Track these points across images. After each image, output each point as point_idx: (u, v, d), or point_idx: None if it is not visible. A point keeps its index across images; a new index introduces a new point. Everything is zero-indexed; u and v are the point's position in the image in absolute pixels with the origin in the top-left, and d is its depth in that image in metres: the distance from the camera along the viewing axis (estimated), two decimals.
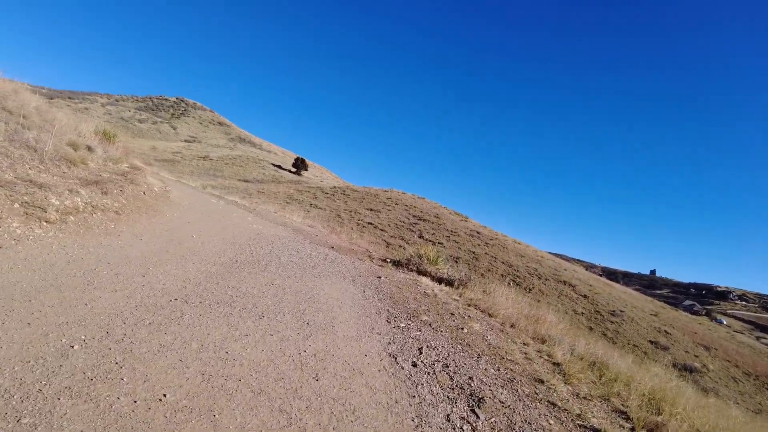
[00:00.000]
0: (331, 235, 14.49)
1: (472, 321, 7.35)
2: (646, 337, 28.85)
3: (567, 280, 34.52)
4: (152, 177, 13.03)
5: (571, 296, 32.16)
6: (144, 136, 59.77)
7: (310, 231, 13.87)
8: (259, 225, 12.25)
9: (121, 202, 8.47)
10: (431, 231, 36.13)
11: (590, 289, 34.04)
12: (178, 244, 7.60)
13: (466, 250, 35.14)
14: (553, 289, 32.28)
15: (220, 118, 79.52)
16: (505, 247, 37.89)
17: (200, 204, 13.39)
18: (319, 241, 12.27)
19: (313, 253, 10.14)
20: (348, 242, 13.72)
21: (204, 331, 4.37)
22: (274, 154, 69.16)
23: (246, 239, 9.84)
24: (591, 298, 32.42)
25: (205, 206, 13.27)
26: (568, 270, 38.19)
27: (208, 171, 49.08)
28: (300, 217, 17.64)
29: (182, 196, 13.27)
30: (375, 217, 37.42)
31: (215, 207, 13.76)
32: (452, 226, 38.52)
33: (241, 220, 12.27)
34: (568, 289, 33.13)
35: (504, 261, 35.01)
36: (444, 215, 40.40)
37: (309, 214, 37.68)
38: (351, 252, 11.80)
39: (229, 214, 12.70)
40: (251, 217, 13.35)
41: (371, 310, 6.71)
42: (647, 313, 34.05)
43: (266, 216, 14.99)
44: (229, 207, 14.88)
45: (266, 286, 6.52)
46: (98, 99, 67.10)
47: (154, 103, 73.93)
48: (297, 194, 43.20)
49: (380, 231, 34.50)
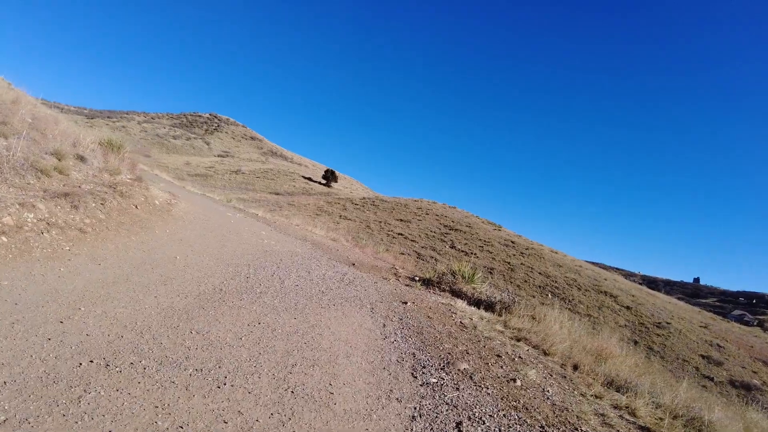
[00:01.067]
0: (355, 249, 12.86)
1: (526, 365, 5.45)
2: (696, 351, 26.00)
3: (608, 290, 31.84)
4: (160, 190, 11.60)
5: (613, 308, 29.52)
6: (178, 152, 59.96)
7: (331, 245, 12.31)
8: (273, 240, 10.71)
9: (96, 218, 6.93)
10: (463, 241, 34.16)
11: (633, 300, 31.27)
12: (150, 269, 6.03)
13: (500, 260, 32.98)
14: (593, 300, 29.72)
15: (252, 133, 79.70)
16: (541, 256, 35.46)
17: (210, 218, 11.93)
18: (339, 256, 10.71)
19: (328, 273, 8.46)
20: (373, 257, 12.09)
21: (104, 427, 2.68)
22: (304, 166, 68.51)
23: (248, 259, 8.28)
24: (634, 310, 29.68)
25: (215, 220, 11.79)
26: (608, 280, 35.42)
27: (240, 185, 48.45)
28: (323, 229, 16.07)
29: (192, 209, 11.90)
30: (405, 228, 35.74)
31: (227, 221, 12.27)
32: (485, 235, 36.40)
33: (251, 235, 10.75)
34: (609, 300, 30.49)
35: (541, 271, 32.62)
36: (476, 225, 38.33)
37: (338, 225, 36.35)
38: (374, 269, 10.08)
39: (239, 229, 11.22)
40: (266, 231, 11.86)
41: (392, 357, 4.90)
42: (696, 325, 31.03)
43: (285, 229, 13.56)
44: (246, 221, 13.50)
45: (249, 327, 4.81)
46: (135, 117, 68.12)
47: (188, 119, 74.69)
48: (327, 206, 41.98)
49: (411, 242, 32.83)
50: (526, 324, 7.45)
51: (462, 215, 39.97)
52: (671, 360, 23.97)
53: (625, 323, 27.49)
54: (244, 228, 11.57)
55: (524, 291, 29.32)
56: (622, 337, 25.95)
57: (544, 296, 29.50)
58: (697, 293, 73.14)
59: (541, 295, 29.56)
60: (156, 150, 57.43)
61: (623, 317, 28.22)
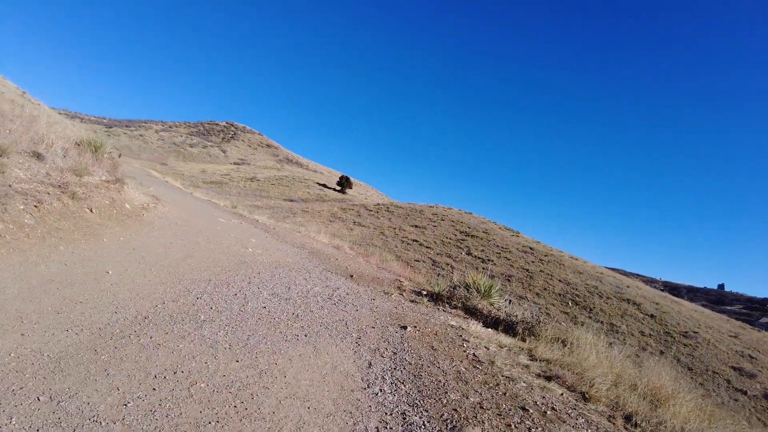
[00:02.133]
0: (358, 258, 11.35)
1: (563, 423, 3.84)
2: (727, 363, 24.30)
3: (631, 298, 30.27)
4: (142, 193, 10.60)
5: (637, 316, 27.97)
6: (194, 160, 59.76)
7: (331, 254, 10.89)
8: (260, 249, 9.31)
9: (18, 223, 5.70)
10: (480, 247, 32.96)
11: (657, 308, 29.66)
12: (57, 289, 4.54)
13: (518, 267, 31.68)
14: (615, 308, 28.22)
15: (269, 141, 79.27)
16: (561, 263, 34.03)
17: (193, 224, 10.47)
18: (337, 267, 9.24)
19: (314, 290, 6.91)
20: (377, 267, 10.51)
21: None
22: (320, 173, 67.81)
23: (212, 273, 6.76)
24: (659, 318, 28.08)
25: (197, 227, 10.32)
26: (630, 287, 33.80)
27: (255, 192, 47.89)
28: (328, 236, 14.88)
29: (174, 214, 10.60)
30: (420, 234, 34.64)
31: (213, 227, 10.90)
32: (502, 242, 35.10)
33: (235, 242, 9.38)
34: (632, 309, 28.94)
35: (561, 279, 31.22)
36: (493, 230, 37.05)
37: (351, 232, 35.57)
38: (375, 282, 8.45)
39: (223, 236, 9.83)
40: (258, 239, 10.55)
41: (369, 423, 3.28)
42: (725, 335, 29.21)
43: (284, 237, 12.28)
44: (239, 227, 12.22)
45: (151, 384, 3.20)
46: (153, 126, 68.18)
47: (205, 128, 74.56)
48: (341, 212, 41.13)
49: (425, 248, 31.76)
50: (556, 353, 5.88)
51: (478, 221, 38.75)
52: (700, 372, 22.43)
53: (650, 332, 25.97)
54: (230, 235, 10.25)
55: (543, 299, 28.00)
56: (646, 346, 24.61)
57: (565, 304, 28.20)
58: (722, 300, 70.48)
59: (562, 303, 28.20)
60: (172, 158, 57.30)
61: (647, 326, 26.71)
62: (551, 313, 25.88)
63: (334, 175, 65.87)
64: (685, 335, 26.30)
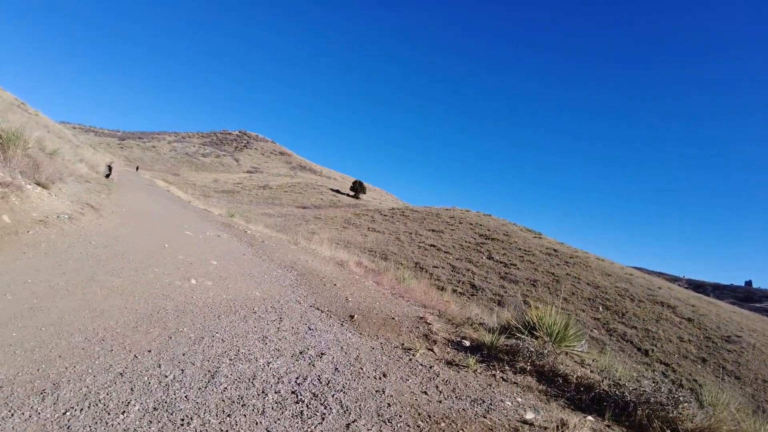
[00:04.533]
0: (366, 279, 8.01)
1: None
2: None
3: (664, 300, 27.53)
4: (71, 201, 7.15)
5: (672, 320, 25.23)
6: (207, 170, 58.12)
7: (330, 275, 7.71)
8: (216, 279, 5.97)
9: None
10: (502, 251, 30.48)
11: (693, 311, 26.86)
12: None
13: (543, 271, 29.18)
14: (649, 312, 25.51)
15: (282, 148, 77.08)
16: (587, 265, 31.46)
17: (124, 242, 6.95)
18: (334, 299, 6.02)
19: (274, 364, 3.56)
20: (391, 294, 7.10)
21: None
22: (333, 179, 65.71)
23: (69, 344, 3.32)
24: (697, 322, 25.30)
25: (125, 247, 6.68)
26: (662, 288, 31.00)
27: (267, 199, 46.12)
28: (331, 248, 11.71)
29: (104, 230, 7.46)
30: (438, 239, 32.26)
31: (159, 246, 7.32)
32: (525, 244, 32.57)
33: (179, 269, 6.09)
34: (667, 312, 26.21)
35: (589, 282, 28.67)
36: (514, 233, 34.52)
37: (366, 238, 33.45)
38: (389, 326, 5.13)
39: (165, 260, 6.37)
40: (223, 261, 7.22)
41: None
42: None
43: (273, 252, 9.23)
44: (212, 242, 9.06)
45: None
46: (166, 137, 66.49)
47: (218, 137, 72.55)
48: (354, 218, 39.07)
49: (444, 254, 29.34)
50: None
51: (498, 223, 36.25)
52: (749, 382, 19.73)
53: (689, 338, 23.27)
54: (180, 257, 6.77)
55: (572, 305, 25.51)
56: (687, 353, 22.06)
57: (595, 309, 25.76)
58: (750, 297, 66.85)
59: (592, 308, 25.67)
60: (185, 168, 55.76)
61: (685, 331, 24.02)
62: (582, 319, 23.54)
63: (348, 180, 63.86)
64: (728, 340, 23.54)
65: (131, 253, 6.32)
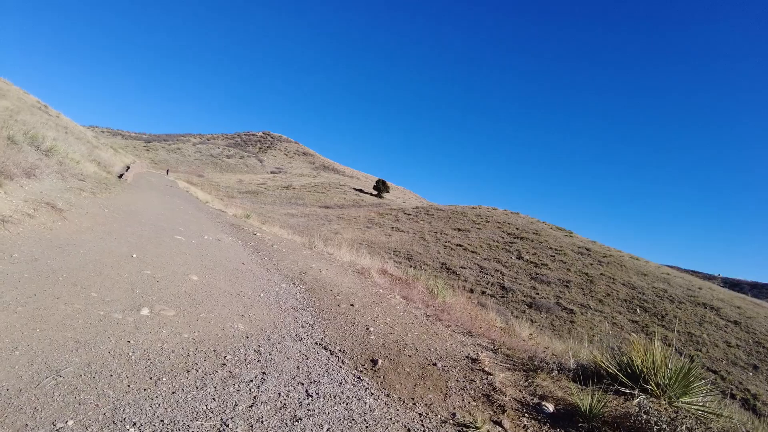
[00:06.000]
0: (392, 293, 6.32)
1: None
2: None
3: (707, 302, 25.50)
4: (23, 199, 6.65)
5: (717, 323, 23.24)
6: (231, 171, 57.83)
7: (347, 290, 6.11)
8: (178, 308, 4.18)
9: None
10: (531, 251, 28.85)
11: (740, 313, 24.76)
12: None
13: (576, 271, 27.47)
14: (690, 314, 23.58)
15: (305, 149, 76.49)
16: (622, 264, 29.57)
17: (71, 253, 5.21)
18: (350, 328, 4.46)
19: None
20: (425, 314, 5.51)
21: None
22: (356, 179, 64.72)
23: None
24: (744, 325, 23.22)
25: (73, 262, 4.94)
26: (703, 289, 28.85)
27: (290, 199, 45.39)
28: (351, 252, 10.17)
29: (58, 233, 5.84)
30: (464, 238, 30.79)
31: (126, 257, 5.61)
32: (555, 243, 30.86)
33: (134, 294, 4.36)
34: (711, 314, 24.21)
35: (624, 282, 26.84)
36: (544, 231, 32.79)
37: (390, 238, 32.23)
38: (427, 376, 3.43)
39: (90, 286, 4.20)
40: (208, 277, 5.54)
41: None
42: None
43: (282, 259, 7.70)
44: (209, 248, 7.58)
45: None
46: (191, 139, 66.60)
47: (242, 139, 72.40)
48: (378, 217, 37.92)
49: (471, 253, 27.85)
50: None
51: (527, 221, 34.52)
52: None
53: (737, 343, 21.30)
54: (139, 274, 5.06)
55: (608, 306, 23.76)
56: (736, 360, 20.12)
57: (632, 311, 23.96)
58: None
59: (629, 310, 23.87)
60: (209, 169, 55.57)
61: (732, 335, 22.02)
62: (618, 322, 21.84)
63: (371, 180, 62.82)
64: None
65: (68, 270, 4.44)
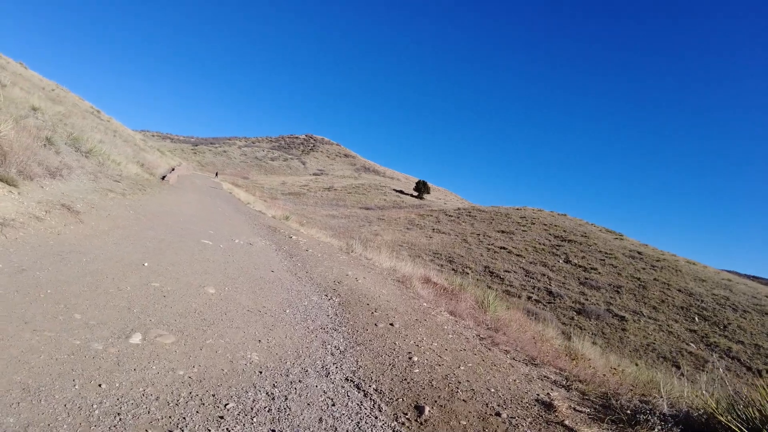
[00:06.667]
0: (438, 308, 5.60)
1: None
2: None
3: None
4: (17, 199, 7.35)
5: None
6: (275, 173, 58.74)
7: (387, 302, 5.36)
8: (179, 331, 3.63)
9: None
10: (580, 254, 27.48)
11: None
12: None
13: (627, 276, 25.93)
14: (757, 324, 21.64)
15: (346, 150, 76.93)
16: (677, 269, 27.72)
17: (72, 261, 4.38)
18: (388, 355, 3.63)
19: None
20: (477, 332, 4.89)
21: None
22: (396, 180, 64.34)
23: None
24: None
25: (53, 271, 3.91)
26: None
27: (331, 201, 45.50)
28: (392, 257, 9.52)
29: (72, 238, 5.69)
30: (508, 241, 29.72)
31: (127, 266, 4.66)
32: (605, 246, 29.29)
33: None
34: None
35: (680, 288, 25.08)
36: (593, 233, 31.22)
37: (431, 240, 31.56)
38: None
39: (77, 305, 3.71)
40: (224, 288, 4.74)
41: None
42: None
43: (317, 264, 7.01)
44: (237, 252, 6.96)
45: None
46: (237, 142, 68.30)
47: (285, 141, 73.56)
48: (418, 219, 37.32)
49: (516, 257, 26.78)
50: None
51: (574, 224, 32.95)
52: None
53: None
54: (145, 287, 4.77)
55: (663, 314, 22.18)
56: None
57: (690, 320, 22.29)
58: None
59: (686, 318, 22.22)
60: (254, 172, 56.63)
61: None
62: (675, 331, 20.32)
63: (411, 181, 62.31)
64: None
65: (56, 284, 3.64)
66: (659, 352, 18.93)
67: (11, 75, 15.01)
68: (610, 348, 18.19)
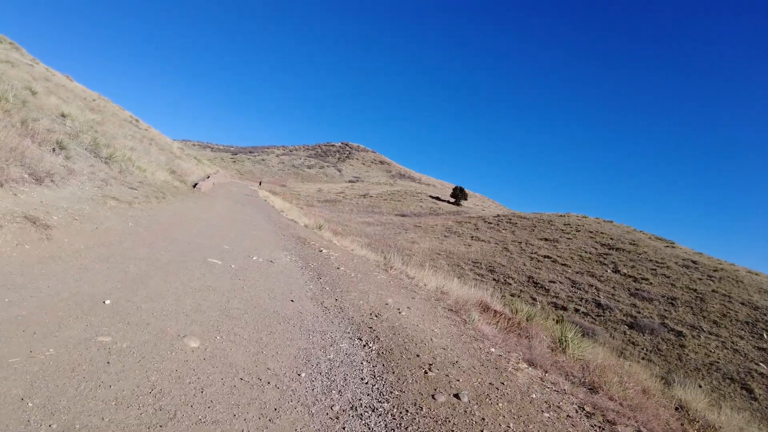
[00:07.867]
0: (509, 352, 4.41)
1: None
2: None
3: None
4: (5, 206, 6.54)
5: None
6: (312, 180, 58.83)
7: (439, 346, 3.94)
8: None
9: None
10: (629, 263, 25.67)
11: None
12: None
13: (682, 287, 23.97)
14: None
15: (381, 157, 76.61)
16: (738, 280, 25.45)
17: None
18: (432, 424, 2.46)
19: None
20: (567, 382, 3.92)
21: None
22: (432, 186, 63.30)
23: None
24: None
25: None
26: None
27: (367, 208, 44.87)
28: (436, 274, 8.36)
29: (21, 265, 5.48)
30: (552, 249, 28.15)
31: (74, 311, 3.01)
32: (656, 255, 27.30)
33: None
34: None
35: (744, 301, 22.91)
36: (642, 241, 29.22)
37: (469, 248, 30.36)
38: None
39: None
40: (216, 336, 3.09)
41: None
42: None
43: (348, 289, 5.70)
44: (225, 283, 6.13)
45: None
46: (275, 151, 69.15)
47: (322, 149, 74.03)
48: (456, 226, 36.11)
49: (561, 266, 25.24)
50: None
51: (622, 231, 30.94)
52: None
53: None
54: (87, 350, 2.91)
55: (725, 329, 20.22)
56: None
57: (757, 337, 20.20)
58: None
59: (752, 334, 20.18)
60: (292, 179, 56.90)
61: None
62: (740, 348, 18.36)
63: (447, 187, 61.15)
64: None
65: None
66: (725, 372, 17.10)
67: (53, 86, 15.05)
68: (668, 366, 16.55)
